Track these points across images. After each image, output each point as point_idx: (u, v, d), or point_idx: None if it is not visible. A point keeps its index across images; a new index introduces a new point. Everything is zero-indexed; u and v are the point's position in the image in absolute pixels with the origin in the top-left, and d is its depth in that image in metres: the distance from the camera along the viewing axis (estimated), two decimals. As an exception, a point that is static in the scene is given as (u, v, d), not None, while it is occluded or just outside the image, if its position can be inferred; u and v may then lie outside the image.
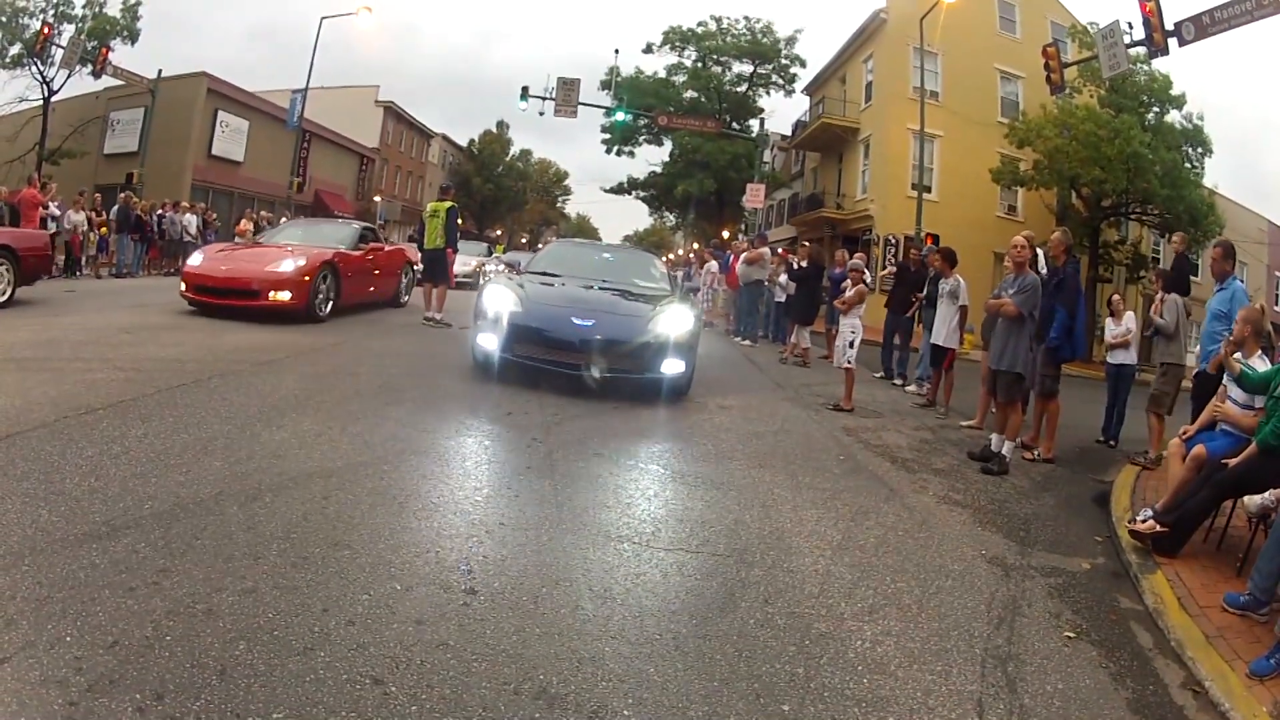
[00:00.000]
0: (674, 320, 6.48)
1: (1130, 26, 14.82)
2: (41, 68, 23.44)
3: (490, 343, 6.37)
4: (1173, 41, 14.02)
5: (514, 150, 58.09)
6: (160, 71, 23.86)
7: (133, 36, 24.93)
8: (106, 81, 23.49)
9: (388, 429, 4.62)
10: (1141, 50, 15.47)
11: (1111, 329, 7.80)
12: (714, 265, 16.31)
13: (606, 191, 40.67)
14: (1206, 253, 20.96)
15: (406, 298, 12.16)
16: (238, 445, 3.98)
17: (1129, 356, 7.72)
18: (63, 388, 4.69)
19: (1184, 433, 4.78)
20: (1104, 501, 5.49)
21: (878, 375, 10.58)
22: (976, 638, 3.01)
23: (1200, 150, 22.55)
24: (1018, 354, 5.89)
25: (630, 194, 39.67)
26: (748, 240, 16.05)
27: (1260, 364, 4.49)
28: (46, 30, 21.93)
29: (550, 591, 2.84)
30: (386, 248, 11.52)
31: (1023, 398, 6.42)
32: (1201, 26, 13.62)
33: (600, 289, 7.08)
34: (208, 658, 2.19)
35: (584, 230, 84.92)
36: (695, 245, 39.58)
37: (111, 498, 3.14)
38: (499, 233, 57.55)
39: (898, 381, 10.26)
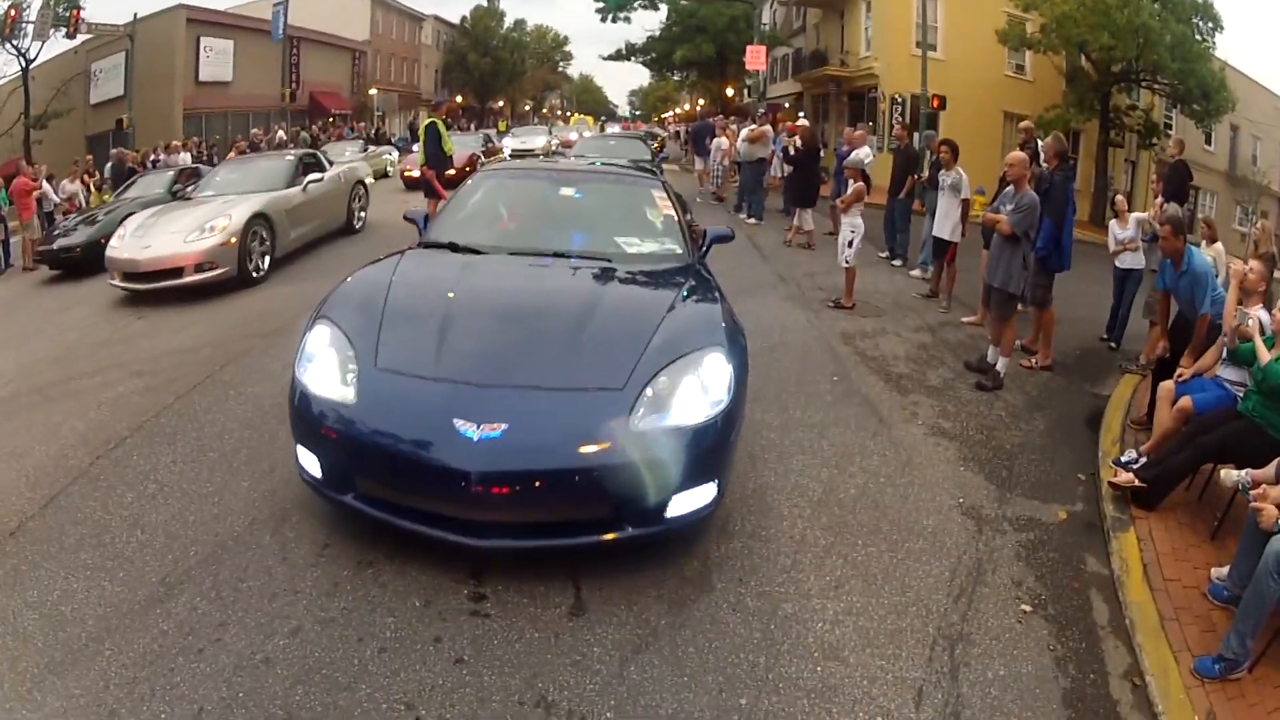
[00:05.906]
0: (699, 382, 3.22)
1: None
2: (16, 43, 22.68)
3: (312, 464, 3.27)
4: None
5: (509, 21, 55.30)
6: (135, 15, 23.30)
7: (102, -12, 23.90)
8: (84, 37, 22.94)
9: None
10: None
11: (1117, 233, 7.39)
12: (724, 142, 16.06)
13: (605, 59, 38.83)
14: (1219, 128, 20.25)
15: None
16: (260, 455, 4.15)
17: (1137, 260, 7.30)
18: (88, 416, 4.79)
19: (1179, 375, 4.69)
20: (1096, 423, 5.48)
21: (882, 255, 10.51)
22: (933, 614, 3.15)
23: (1211, 25, 20.95)
24: (1010, 273, 5.89)
25: (630, 59, 37.99)
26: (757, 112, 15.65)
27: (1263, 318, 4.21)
28: (14, 13, 21.37)
29: (546, 590, 3.07)
30: None
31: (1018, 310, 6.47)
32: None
33: (546, 295, 3.88)
34: (275, 707, 2.46)
35: (589, 91, 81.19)
36: (701, 101, 38.10)
37: (159, 550, 3.30)
38: (501, 104, 55.61)
39: (897, 263, 10.27)
